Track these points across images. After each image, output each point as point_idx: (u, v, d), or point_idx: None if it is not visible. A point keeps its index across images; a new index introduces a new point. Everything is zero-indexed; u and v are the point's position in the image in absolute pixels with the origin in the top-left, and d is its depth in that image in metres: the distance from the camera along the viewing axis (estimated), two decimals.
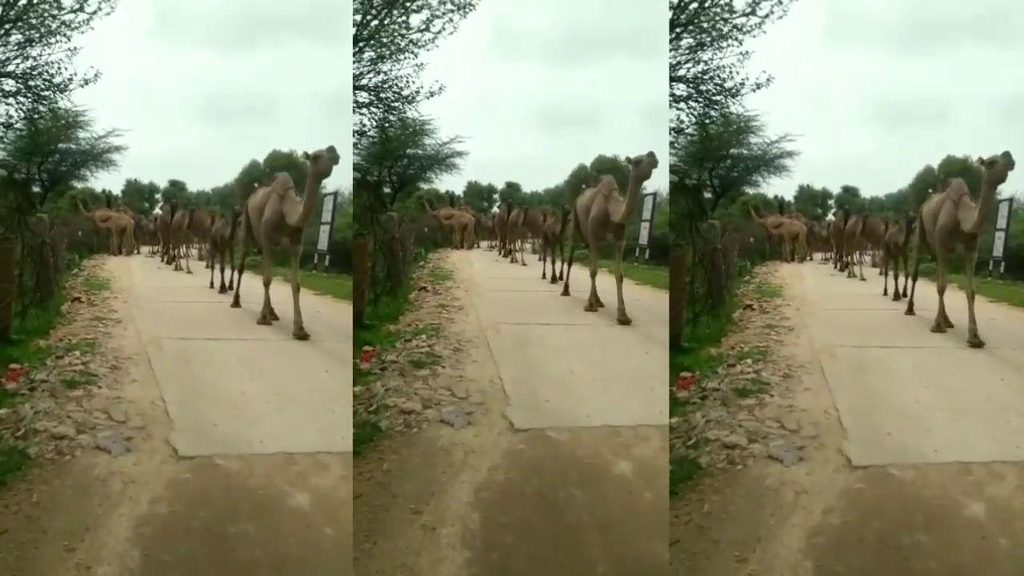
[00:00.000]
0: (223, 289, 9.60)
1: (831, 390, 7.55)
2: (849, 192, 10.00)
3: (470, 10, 8.69)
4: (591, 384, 7.83)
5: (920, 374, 7.84)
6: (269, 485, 6.53)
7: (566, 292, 10.11)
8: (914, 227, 9.73)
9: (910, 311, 9.42)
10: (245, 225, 9.47)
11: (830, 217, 10.17)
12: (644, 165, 9.08)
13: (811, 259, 10.13)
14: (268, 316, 8.88)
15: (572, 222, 10.28)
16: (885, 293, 9.94)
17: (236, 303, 9.29)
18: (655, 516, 6.59)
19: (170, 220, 9.70)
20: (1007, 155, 8.12)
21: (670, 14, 8.50)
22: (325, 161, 8.32)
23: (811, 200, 9.87)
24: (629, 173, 9.31)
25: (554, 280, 10.46)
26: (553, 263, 10.54)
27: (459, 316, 8.72)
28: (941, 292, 9.01)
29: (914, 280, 9.67)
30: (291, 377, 7.82)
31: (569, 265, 10.25)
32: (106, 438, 6.79)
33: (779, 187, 9.22)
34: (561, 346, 8.39)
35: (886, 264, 10.20)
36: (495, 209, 10.35)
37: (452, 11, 8.67)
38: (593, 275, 9.74)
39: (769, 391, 7.61)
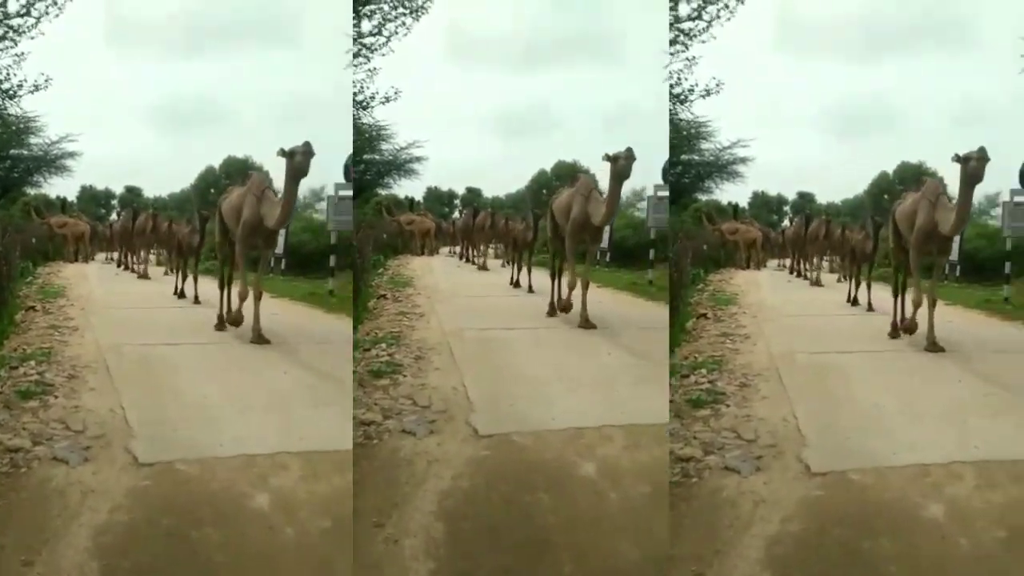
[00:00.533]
0: (183, 295, 9.49)
1: (789, 398, 7.58)
2: (804, 198, 10.08)
3: (423, 13, 8.65)
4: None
5: (879, 378, 7.93)
6: (231, 488, 6.44)
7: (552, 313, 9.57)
8: (883, 233, 9.51)
9: (896, 333, 8.97)
10: (219, 228, 9.15)
11: (785, 223, 10.24)
12: (622, 163, 8.62)
13: (765, 266, 10.17)
14: (228, 323, 8.70)
15: (548, 225, 9.88)
16: (849, 301, 9.84)
17: (221, 326, 8.86)
18: (621, 516, 6.55)
19: (131, 226, 9.55)
20: (982, 151, 7.85)
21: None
22: (301, 157, 7.88)
23: (766, 206, 9.93)
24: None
25: (519, 285, 10.28)
26: (520, 269, 10.34)
27: (421, 323, 8.70)
28: (917, 305, 8.77)
29: (901, 292, 9.18)
30: (250, 380, 7.77)
31: (555, 275, 9.72)
32: (63, 448, 6.68)
33: (733, 193, 9.27)
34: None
35: (850, 271, 10.02)
36: (456, 214, 10.32)
37: (404, 14, 8.63)
38: (572, 286, 9.30)
39: (725, 401, 7.59)
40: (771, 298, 9.45)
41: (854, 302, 9.85)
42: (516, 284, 10.36)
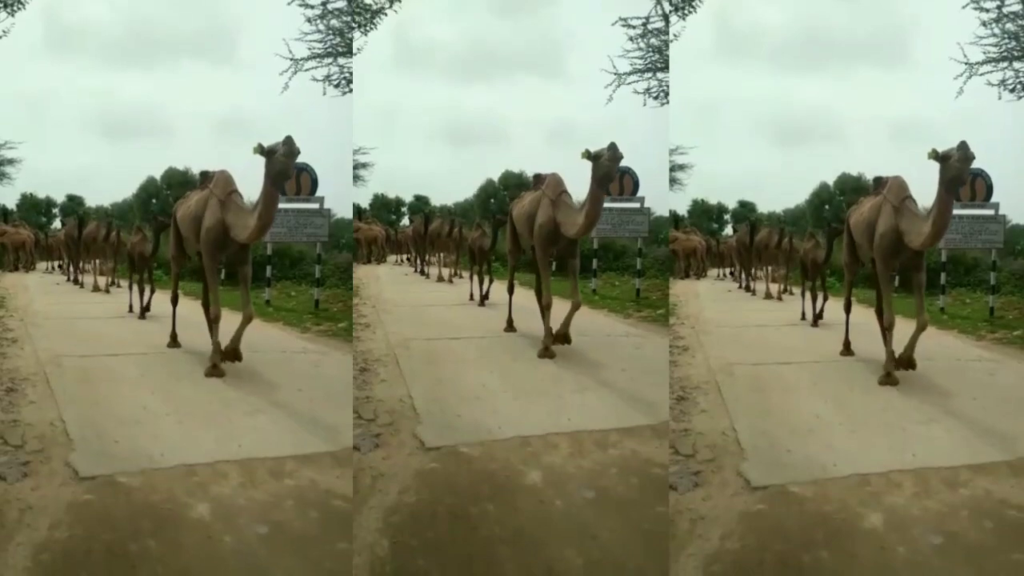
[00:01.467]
0: (143, 314, 9.23)
1: (728, 411, 7.62)
2: (746, 207, 10.16)
3: (371, 29, 8.63)
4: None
5: (818, 388, 8.03)
6: (170, 498, 6.38)
7: (511, 327, 9.26)
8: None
9: (847, 351, 8.74)
10: (174, 239, 8.38)
11: (728, 231, 10.29)
12: (605, 163, 7.53)
13: (705, 275, 10.20)
14: (220, 360, 7.81)
15: (507, 234, 9.24)
16: (803, 318, 9.74)
17: (174, 343, 8.52)
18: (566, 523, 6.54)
19: (77, 234, 9.36)
20: (963, 147, 6.79)
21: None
22: (283, 157, 6.87)
23: (706, 214, 9.98)
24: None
25: (482, 302, 10.06)
26: (481, 283, 10.09)
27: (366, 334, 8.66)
28: (888, 328, 8.06)
29: (848, 306, 8.89)
30: (190, 389, 7.71)
31: (544, 291, 8.56)
32: (1, 464, 6.58)
33: (672, 201, 9.30)
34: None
35: (803, 284, 9.82)
36: (405, 221, 10.28)
37: (353, 27, 8.60)
38: (547, 305, 8.47)
39: None
40: (711, 310, 9.46)
41: (808, 316, 9.74)
42: (482, 301, 10.09)
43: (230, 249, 7.68)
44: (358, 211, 9.71)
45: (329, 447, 6.95)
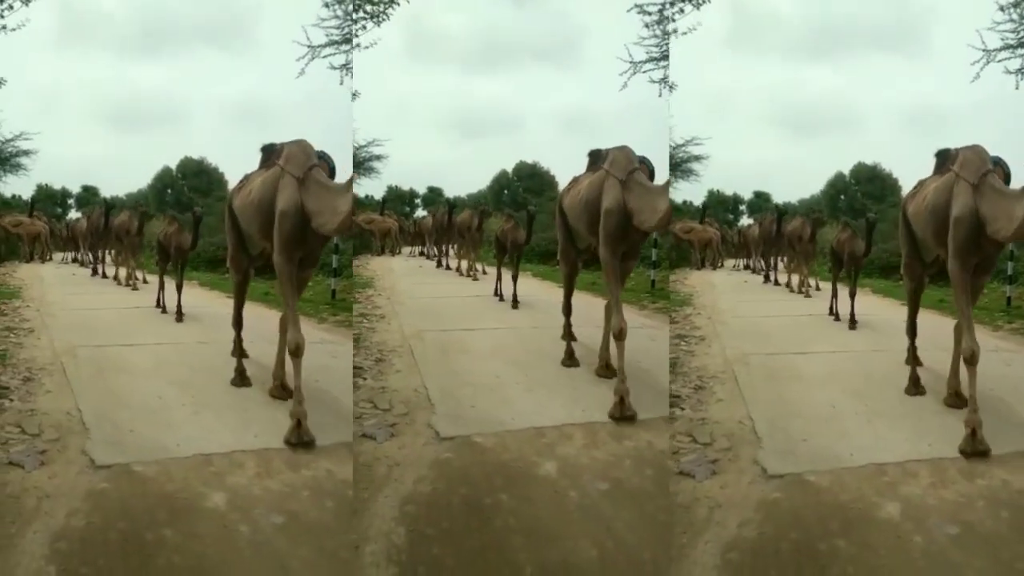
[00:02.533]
0: (179, 316, 8.78)
1: (745, 399, 7.62)
2: (761, 197, 10.12)
3: (384, 19, 8.62)
4: None
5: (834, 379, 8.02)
6: (186, 488, 6.41)
7: (571, 360, 8.04)
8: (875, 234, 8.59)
9: (917, 389, 7.57)
10: (233, 237, 7.33)
11: (745, 222, 10.25)
12: None
13: (722, 266, 10.16)
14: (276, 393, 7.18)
15: (558, 227, 7.98)
16: (832, 312, 9.28)
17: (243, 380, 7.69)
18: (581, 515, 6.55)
19: (103, 224, 9.20)
20: None
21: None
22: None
23: (721, 205, 9.95)
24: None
25: (515, 303, 9.43)
26: (502, 279, 9.58)
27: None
28: (969, 361, 6.43)
29: (913, 330, 7.93)
30: (206, 379, 7.74)
31: (615, 313, 7.16)
32: (19, 453, 6.62)
33: (688, 192, 9.28)
34: None
35: (834, 279, 9.28)
36: (421, 212, 10.26)
37: (365, 17, 8.60)
38: (617, 333, 7.01)
39: (680, 404, 7.60)
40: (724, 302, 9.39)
41: (836, 312, 9.30)
42: (514, 302, 9.46)
43: (310, 244, 6.34)
44: (382, 204, 9.71)
45: (346, 437, 6.96)
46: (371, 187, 9.40)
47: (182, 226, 8.67)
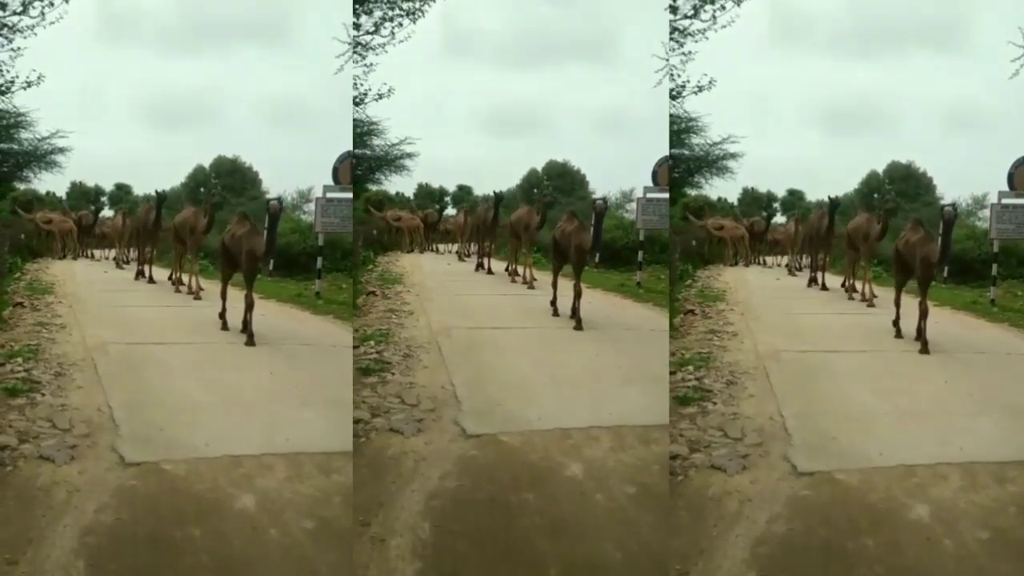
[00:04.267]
0: (250, 339, 8.13)
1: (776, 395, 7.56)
2: (795, 195, 10.07)
3: (419, 16, 8.64)
4: None
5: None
6: (215, 488, 6.43)
7: None
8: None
9: None
10: None
11: (780, 219, 10.18)
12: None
13: (764, 263, 10.08)
14: None
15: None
16: (895, 327, 8.61)
17: None
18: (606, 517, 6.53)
19: (154, 221, 9.12)
20: None
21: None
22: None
23: (755, 203, 9.90)
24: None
25: (578, 324, 8.64)
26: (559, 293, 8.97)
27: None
28: None
29: None
30: (236, 380, 7.75)
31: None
32: (50, 447, 6.67)
33: (722, 189, 9.23)
34: None
35: (898, 288, 8.58)
36: (452, 210, 10.25)
37: (401, 15, 8.63)
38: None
39: (712, 398, 7.57)
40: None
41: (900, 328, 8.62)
42: (577, 321, 8.64)
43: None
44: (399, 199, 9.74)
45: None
46: (402, 184, 9.44)
47: (256, 228, 7.99)
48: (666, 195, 8.92)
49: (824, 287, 9.95)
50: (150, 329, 8.47)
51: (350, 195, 8.51)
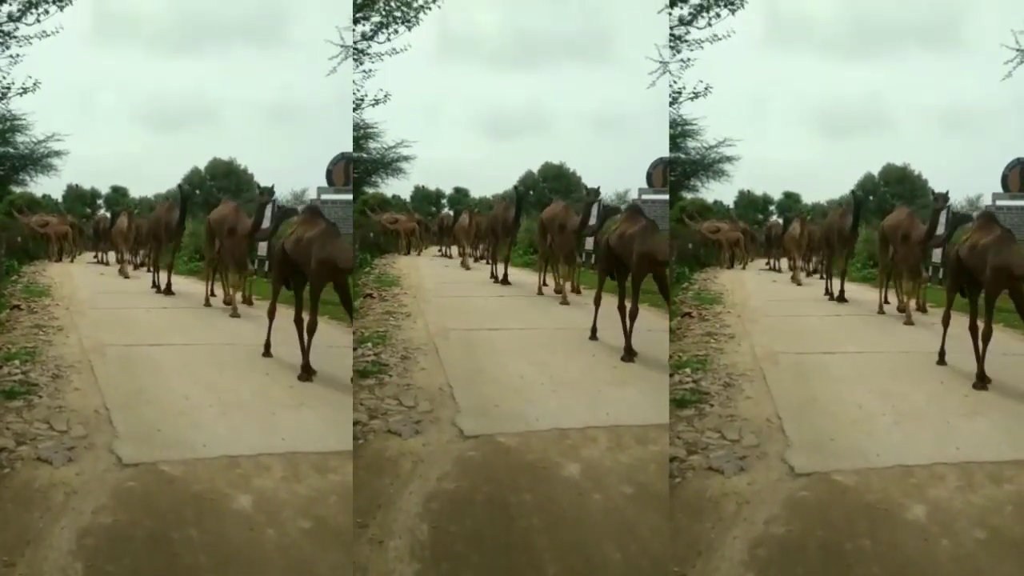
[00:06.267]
0: (307, 373, 7.57)
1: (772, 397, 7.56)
2: (791, 198, 10.07)
3: (415, 24, 8.65)
4: None
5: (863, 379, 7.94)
6: (212, 489, 6.42)
7: None
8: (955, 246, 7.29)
9: None
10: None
11: (774, 219, 10.17)
12: None
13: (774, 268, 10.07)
14: None
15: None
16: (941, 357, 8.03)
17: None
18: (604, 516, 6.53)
19: (178, 222, 9.04)
20: None
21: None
22: None
23: (752, 205, 9.91)
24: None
25: (629, 357, 8.21)
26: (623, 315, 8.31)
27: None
28: None
29: None
30: (232, 381, 7.73)
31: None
32: (47, 448, 6.67)
33: (719, 192, 9.23)
34: None
35: (948, 304, 7.81)
36: (447, 211, 10.23)
37: (398, 20, 8.63)
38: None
39: (709, 401, 7.57)
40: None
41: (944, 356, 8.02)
42: (628, 355, 8.18)
43: None
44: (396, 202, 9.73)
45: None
46: (399, 187, 9.43)
47: (333, 228, 6.98)
48: (662, 196, 8.93)
49: (843, 298, 9.43)
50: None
51: (348, 196, 8.50)
